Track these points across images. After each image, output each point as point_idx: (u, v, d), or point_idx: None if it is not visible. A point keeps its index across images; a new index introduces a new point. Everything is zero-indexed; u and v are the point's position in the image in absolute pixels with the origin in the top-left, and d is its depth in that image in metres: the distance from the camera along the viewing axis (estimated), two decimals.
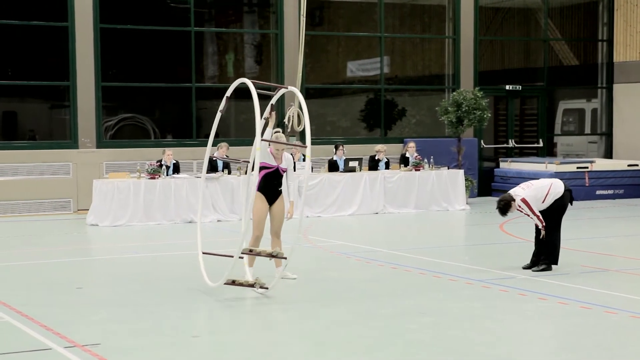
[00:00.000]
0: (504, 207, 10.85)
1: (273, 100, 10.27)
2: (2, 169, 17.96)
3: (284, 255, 9.56)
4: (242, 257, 9.80)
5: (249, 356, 7.21)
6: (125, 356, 7.17)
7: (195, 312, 8.96)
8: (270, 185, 10.19)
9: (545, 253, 11.00)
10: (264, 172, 10.06)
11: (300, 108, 9.56)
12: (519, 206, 10.83)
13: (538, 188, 10.90)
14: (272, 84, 10.34)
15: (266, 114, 10.07)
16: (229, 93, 9.97)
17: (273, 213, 10.23)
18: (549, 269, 10.94)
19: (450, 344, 7.53)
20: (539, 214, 10.86)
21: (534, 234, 11.24)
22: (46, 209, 18.20)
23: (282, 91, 10.26)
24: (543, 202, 10.85)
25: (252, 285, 9.45)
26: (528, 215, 10.91)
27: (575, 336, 7.79)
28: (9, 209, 17.94)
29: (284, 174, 10.29)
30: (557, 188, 10.92)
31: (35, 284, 10.45)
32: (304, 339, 7.76)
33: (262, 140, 9.48)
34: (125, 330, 8.09)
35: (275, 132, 10.54)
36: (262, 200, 10.13)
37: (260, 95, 9.57)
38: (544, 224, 10.90)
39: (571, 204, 11.10)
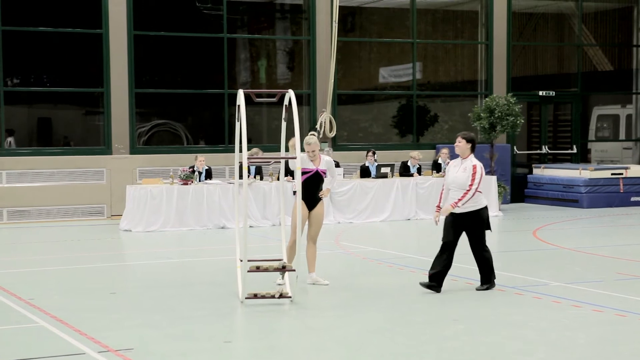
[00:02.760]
0: (469, 137, 10.11)
1: (284, 115, 10.18)
2: (36, 175, 18.13)
3: (293, 268, 9.43)
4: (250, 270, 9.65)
5: None
6: None
7: (228, 317, 8.97)
8: (309, 189, 10.18)
9: (489, 269, 10.22)
10: (304, 176, 10.05)
11: (291, 112, 9.43)
12: (474, 166, 9.94)
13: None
14: (272, 91, 10.28)
15: (291, 142, 10.19)
16: (243, 114, 9.66)
17: (312, 218, 10.28)
18: (491, 287, 10.18)
19: (484, 351, 7.47)
20: (474, 192, 9.92)
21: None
22: (80, 215, 18.35)
23: (286, 97, 9.99)
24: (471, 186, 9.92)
25: (280, 269, 9.40)
26: (468, 191, 9.91)
27: (611, 344, 7.70)
28: (43, 214, 18.10)
29: (324, 178, 10.33)
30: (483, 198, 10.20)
31: (69, 289, 10.52)
32: (337, 346, 7.74)
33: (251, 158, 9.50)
34: (159, 335, 8.12)
35: (311, 134, 10.54)
36: (301, 205, 10.03)
37: (271, 103, 9.60)
38: (459, 204, 10.01)
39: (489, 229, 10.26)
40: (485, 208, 10.21)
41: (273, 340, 8.06)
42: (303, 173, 10.00)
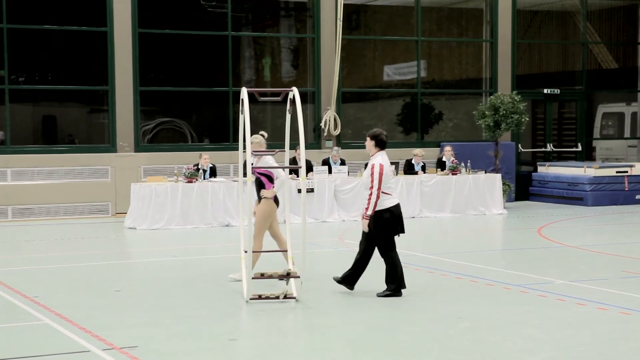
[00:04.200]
0: (372, 134, 9.70)
1: (288, 121, 10.17)
2: (41, 173, 18.15)
3: (297, 275, 9.40)
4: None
5: None
6: (162, 359, 7.20)
7: (232, 315, 8.97)
8: (255, 187, 10.45)
9: (390, 276, 9.73)
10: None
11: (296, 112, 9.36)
12: (372, 165, 9.52)
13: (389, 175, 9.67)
14: (276, 90, 10.24)
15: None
16: (246, 112, 9.67)
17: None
18: (396, 294, 9.69)
19: (488, 349, 7.47)
20: (377, 194, 9.46)
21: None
22: (84, 212, 18.37)
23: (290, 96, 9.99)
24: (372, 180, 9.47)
25: (284, 276, 9.38)
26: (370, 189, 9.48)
27: (616, 342, 7.69)
28: (48, 212, 18.13)
29: (263, 179, 10.31)
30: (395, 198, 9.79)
31: (74, 287, 10.54)
32: (342, 344, 7.75)
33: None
34: (163, 333, 8.13)
35: (260, 134, 10.59)
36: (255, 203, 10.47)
37: (274, 102, 9.61)
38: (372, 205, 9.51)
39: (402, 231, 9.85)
40: (389, 210, 9.61)
41: (277, 338, 8.06)
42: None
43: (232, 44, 19.87)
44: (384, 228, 9.63)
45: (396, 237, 9.81)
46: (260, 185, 10.39)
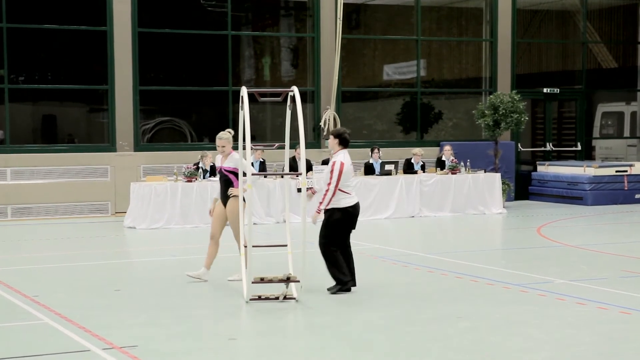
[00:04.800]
0: (336, 132, 9.79)
1: (288, 116, 10.14)
2: (41, 172, 18.14)
3: (297, 279, 9.34)
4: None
5: (286, 359, 7.22)
6: (162, 358, 7.20)
7: (232, 315, 8.97)
8: (221, 188, 10.49)
9: (330, 272, 9.75)
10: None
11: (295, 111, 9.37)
12: (334, 163, 9.56)
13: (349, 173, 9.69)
14: (276, 90, 10.25)
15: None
16: (246, 111, 9.70)
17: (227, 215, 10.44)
18: (343, 290, 9.69)
19: (488, 349, 7.47)
20: (334, 191, 9.51)
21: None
22: (84, 212, 18.36)
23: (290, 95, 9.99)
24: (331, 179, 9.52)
25: (284, 280, 9.37)
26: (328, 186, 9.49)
27: (616, 342, 7.69)
28: (47, 211, 18.12)
29: (231, 176, 10.32)
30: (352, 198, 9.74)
31: (73, 286, 10.54)
32: (342, 344, 7.75)
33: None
34: (163, 333, 8.13)
35: (228, 131, 10.62)
36: (218, 202, 10.56)
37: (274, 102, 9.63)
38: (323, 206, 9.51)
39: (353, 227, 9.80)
40: (343, 210, 9.63)
41: (277, 338, 8.06)
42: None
43: (232, 44, 19.86)
44: (333, 226, 9.71)
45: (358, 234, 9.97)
46: (227, 184, 10.38)
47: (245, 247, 9.72)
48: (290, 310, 9.09)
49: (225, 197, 10.41)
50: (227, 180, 10.39)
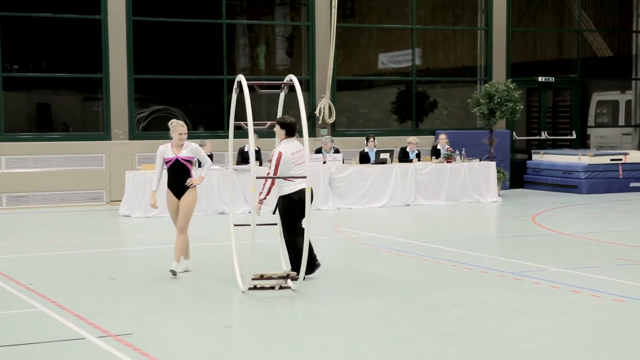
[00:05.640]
0: (281, 121, 9.75)
1: (281, 99, 10.12)
2: (36, 161, 18.12)
3: (297, 276, 9.31)
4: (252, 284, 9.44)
5: (282, 347, 7.23)
6: (158, 346, 7.20)
7: (227, 302, 8.98)
8: (174, 178, 10.19)
9: (294, 262, 9.67)
10: (167, 166, 10.21)
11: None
12: (274, 152, 9.63)
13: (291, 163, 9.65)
14: (276, 82, 10.24)
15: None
16: (247, 97, 9.74)
17: (180, 206, 10.23)
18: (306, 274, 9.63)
19: (483, 336, 7.49)
20: (272, 180, 9.53)
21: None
22: (79, 200, 18.35)
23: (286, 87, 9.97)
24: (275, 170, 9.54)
25: (283, 277, 9.40)
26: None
27: (610, 329, 7.72)
28: (42, 200, 18.10)
29: (189, 165, 10.19)
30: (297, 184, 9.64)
31: (68, 275, 10.54)
32: (337, 331, 7.76)
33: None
34: (158, 320, 8.14)
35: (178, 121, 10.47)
36: (170, 195, 10.27)
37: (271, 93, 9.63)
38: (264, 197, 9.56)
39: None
40: (288, 197, 9.65)
41: (273, 325, 8.07)
42: (166, 163, 10.20)
43: (227, 32, 19.82)
44: (282, 213, 9.80)
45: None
46: (185, 174, 10.20)
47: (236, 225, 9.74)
48: (286, 298, 9.10)
49: (182, 188, 10.19)
50: (185, 170, 10.20)
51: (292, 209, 9.74)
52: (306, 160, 9.54)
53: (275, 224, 10.20)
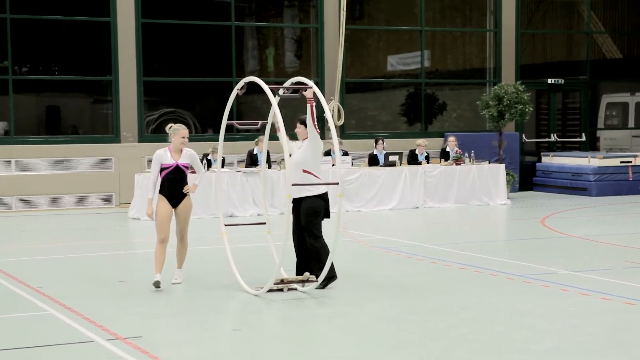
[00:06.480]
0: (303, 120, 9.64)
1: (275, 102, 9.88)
2: (45, 163, 18.17)
3: (315, 279, 9.31)
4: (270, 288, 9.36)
5: (290, 350, 7.23)
6: (167, 349, 7.21)
7: (236, 306, 8.99)
8: (171, 186, 9.68)
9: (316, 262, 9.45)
10: (164, 172, 9.65)
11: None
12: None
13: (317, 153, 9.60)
14: (295, 87, 10.18)
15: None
16: (239, 85, 9.80)
17: (177, 215, 9.80)
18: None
19: (492, 339, 7.48)
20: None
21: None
22: (88, 203, 18.39)
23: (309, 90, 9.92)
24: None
25: (302, 281, 9.38)
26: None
27: (620, 332, 7.69)
28: (52, 202, 18.15)
29: (187, 172, 9.79)
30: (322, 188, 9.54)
31: (78, 277, 10.56)
32: (345, 334, 7.76)
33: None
34: (167, 323, 8.15)
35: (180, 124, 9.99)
36: (164, 202, 9.71)
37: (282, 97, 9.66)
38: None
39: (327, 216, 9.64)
40: (319, 197, 9.49)
41: (281, 329, 8.07)
42: (163, 169, 9.63)
43: (236, 34, 19.85)
44: (311, 213, 9.46)
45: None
46: (183, 181, 9.77)
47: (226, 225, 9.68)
48: (295, 301, 9.10)
49: (179, 195, 9.75)
50: (184, 177, 9.79)
51: (320, 210, 9.54)
52: (337, 162, 9.44)
53: (264, 224, 10.14)
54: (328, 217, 9.68)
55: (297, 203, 9.56)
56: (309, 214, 9.47)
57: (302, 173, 9.54)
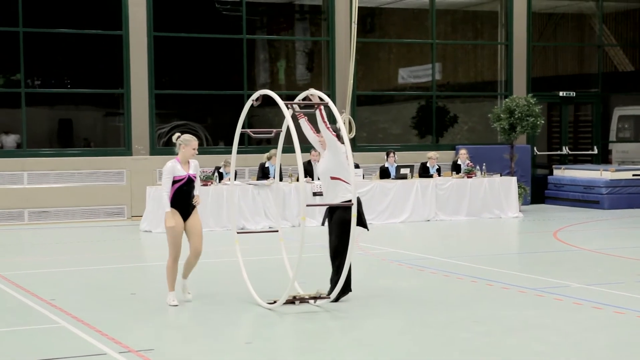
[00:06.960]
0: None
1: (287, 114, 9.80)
2: (57, 176, 18.22)
3: (326, 295, 9.27)
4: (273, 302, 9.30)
5: None
6: None
7: (248, 319, 8.98)
8: (183, 198, 9.43)
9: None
10: (176, 185, 9.37)
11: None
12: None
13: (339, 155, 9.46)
14: (311, 102, 10.17)
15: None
16: (254, 96, 9.85)
17: (190, 230, 9.54)
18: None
19: (504, 353, 7.44)
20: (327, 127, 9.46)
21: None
22: (100, 216, 18.43)
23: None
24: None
25: (314, 298, 9.37)
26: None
27: (634, 346, 7.65)
28: (64, 215, 18.19)
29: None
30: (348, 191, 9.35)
31: (90, 290, 10.57)
32: (358, 347, 7.74)
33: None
34: (179, 336, 8.14)
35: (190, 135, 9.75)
36: (177, 216, 9.44)
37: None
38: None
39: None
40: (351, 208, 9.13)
41: (295, 341, 8.06)
42: (175, 182, 9.34)
43: (247, 47, 19.90)
44: (345, 223, 9.26)
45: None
46: (191, 192, 9.49)
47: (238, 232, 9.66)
48: (307, 314, 9.08)
49: (189, 207, 9.50)
50: (192, 188, 9.48)
51: (350, 221, 9.18)
52: (351, 175, 9.27)
53: (277, 231, 10.12)
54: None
55: (332, 211, 9.49)
56: (341, 229, 9.29)
57: (331, 180, 9.47)
